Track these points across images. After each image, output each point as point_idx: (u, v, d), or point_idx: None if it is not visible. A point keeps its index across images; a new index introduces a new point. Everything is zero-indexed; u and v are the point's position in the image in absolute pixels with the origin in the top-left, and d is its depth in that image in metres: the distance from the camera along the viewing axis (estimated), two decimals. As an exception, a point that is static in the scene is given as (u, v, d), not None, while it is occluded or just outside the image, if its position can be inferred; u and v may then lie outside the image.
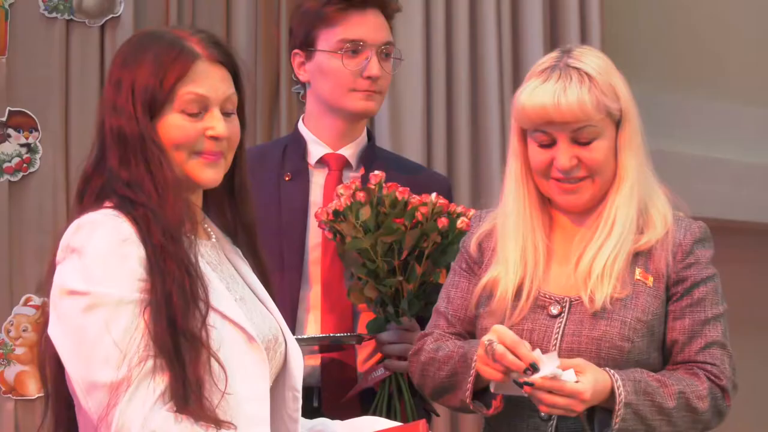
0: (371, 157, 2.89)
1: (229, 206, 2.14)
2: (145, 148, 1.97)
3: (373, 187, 2.68)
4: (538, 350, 2.22)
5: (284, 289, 2.72)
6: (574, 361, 2.23)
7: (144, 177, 1.96)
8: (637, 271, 2.34)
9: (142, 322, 1.87)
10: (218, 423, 1.88)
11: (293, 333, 2.21)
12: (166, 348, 1.86)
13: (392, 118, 3.86)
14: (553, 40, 4.17)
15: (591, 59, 2.35)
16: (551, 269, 2.39)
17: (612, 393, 2.22)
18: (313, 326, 2.78)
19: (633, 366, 2.30)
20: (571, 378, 2.18)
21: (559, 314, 2.34)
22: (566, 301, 2.34)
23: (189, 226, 2.01)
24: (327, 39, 2.81)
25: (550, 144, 2.33)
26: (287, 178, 2.84)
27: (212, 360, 1.90)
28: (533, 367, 2.15)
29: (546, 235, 2.41)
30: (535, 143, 2.35)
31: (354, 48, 2.79)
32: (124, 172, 1.97)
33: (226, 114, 2.05)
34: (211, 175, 2.05)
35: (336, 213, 2.67)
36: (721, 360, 2.33)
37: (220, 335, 1.93)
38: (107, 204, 1.97)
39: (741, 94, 4.78)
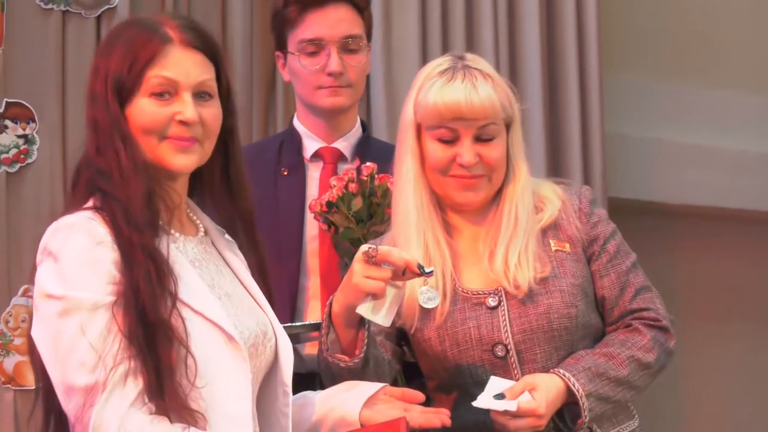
0: (366, 148, 2.93)
1: (227, 197, 2.13)
2: (115, 135, 1.97)
3: (365, 178, 2.70)
4: (493, 377, 2.31)
5: (283, 280, 2.76)
6: (525, 379, 2.31)
7: (113, 165, 1.96)
8: (552, 243, 2.44)
9: (115, 309, 1.87)
10: (190, 412, 1.88)
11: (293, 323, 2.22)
12: (137, 337, 1.86)
13: (389, 111, 3.86)
14: (550, 30, 4.18)
15: (485, 64, 2.45)
16: (464, 270, 2.45)
17: (569, 391, 2.31)
18: (314, 316, 2.80)
19: (582, 330, 2.41)
20: (526, 399, 2.27)
21: (499, 304, 2.39)
22: (500, 291, 2.40)
23: (165, 216, 2.01)
24: (292, 40, 2.88)
25: (452, 141, 2.40)
26: (284, 173, 2.88)
27: (182, 349, 1.90)
28: (419, 266, 2.18)
29: (447, 234, 2.46)
30: (435, 140, 2.41)
31: (312, 47, 2.85)
32: (98, 160, 1.97)
33: (201, 99, 2.04)
34: (183, 161, 2.03)
35: (329, 204, 2.69)
36: (652, 302, 2.47)
37: (194, 330, 1.93)
38: (89, 204, 1.97)
39: (737, 83, 4.78)
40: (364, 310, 2.20)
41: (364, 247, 2.20)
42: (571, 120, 4.15)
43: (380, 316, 2.21)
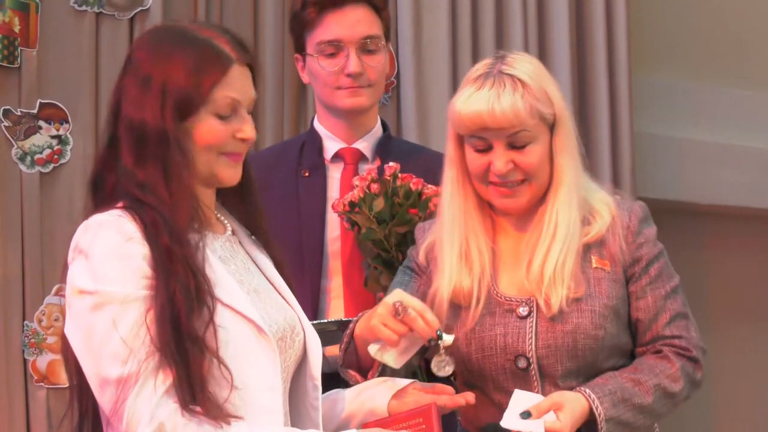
0: (387, 148, 2.95)
1: (241, 200, 2.18)
2: (167, 149, 1.98)
3: (388, 178, 2.72)
4: (517, 390, 2.29)
5: (305, 281, 2.78)
6: (552, 398, 2.28)
7: (158, 179, 1.97)
8: (593, 259, 2.41)
9: (149, 318, 1.90)
10: (225, 416, 1.91)
11: None
12: (169, 350, 1.89)
13: (418, 109, 3.87)
14: (579, 29, 4.19)
15: (524, 65, 2.39)
16: (503, 273, 2.44)
17: (592, 412, 2.28)
18: (337, 316, 2.82)
19: (607, 352, 2.37)
20: (551, 419, 2.24)
21: (529, 314, 2.37)
22: (533, 301, 2.38)
23: (198, 224, 2.03)
24: (310, 42, 2.89)
25: (487, 149, 2.38)
26: (305, 174, 2.90)
27: (216, 362, 1.92)
28: (438, 335, 2.20)
29: (490, 239, 2.45)
30: (472, 149, 2.40)
31: (331, 48, 2.86)
32: (140, 172, 1.98)
33: (249, 114, 2.09)
34: (234, 174, 2.09)
35: (352, 204, 2.71)
36: (686, 330, 2.42)
37: (228, 330, 1.96)
38: (118, 205, 1.99)
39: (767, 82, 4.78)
40: (374, 350, 2.23)
41: (395, 297, 2.21)
42: (601, 120, 4.16)
43: (390, 358, 2.23)
